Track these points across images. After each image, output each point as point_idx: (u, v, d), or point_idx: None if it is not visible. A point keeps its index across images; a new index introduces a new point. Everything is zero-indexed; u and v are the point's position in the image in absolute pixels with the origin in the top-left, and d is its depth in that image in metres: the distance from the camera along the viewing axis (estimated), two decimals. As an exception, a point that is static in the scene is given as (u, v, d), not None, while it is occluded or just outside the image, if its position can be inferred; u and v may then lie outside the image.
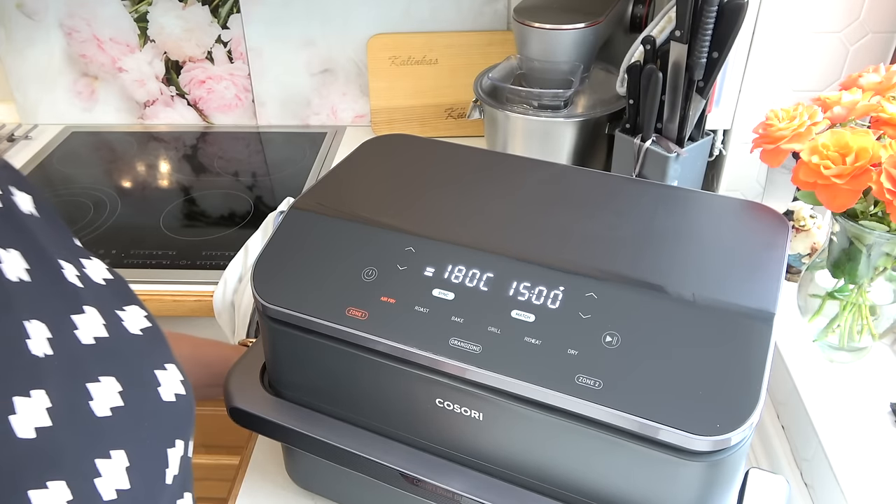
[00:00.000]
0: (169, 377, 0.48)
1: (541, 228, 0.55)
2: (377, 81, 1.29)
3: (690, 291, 0.48)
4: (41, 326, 0.41)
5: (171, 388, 0.47)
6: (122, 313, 0.48)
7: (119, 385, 0.43)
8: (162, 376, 0.47)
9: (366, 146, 0.69)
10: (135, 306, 0.50)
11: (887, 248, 0.61)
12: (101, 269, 0.50)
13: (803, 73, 0.85)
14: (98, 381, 0.42)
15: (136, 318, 0.49)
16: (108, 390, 0.43)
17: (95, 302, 0.47)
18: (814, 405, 0.65)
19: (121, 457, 0.41)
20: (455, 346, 0.49)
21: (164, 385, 0.47)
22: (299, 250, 0.56)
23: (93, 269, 0.50)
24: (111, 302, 0.48)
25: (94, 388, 0.42)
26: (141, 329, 0.49)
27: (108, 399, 0.42)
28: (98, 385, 0.42)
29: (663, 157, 0.83)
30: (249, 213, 1.14)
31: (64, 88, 1.38)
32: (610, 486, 0.49)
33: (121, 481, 0.40)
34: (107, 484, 0.39)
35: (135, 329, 0.48)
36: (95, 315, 0.46)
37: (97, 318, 0.46)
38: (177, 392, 0.47)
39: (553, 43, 0.97)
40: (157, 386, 0.46)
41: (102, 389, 0.42)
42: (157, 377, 0.47)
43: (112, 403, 0.42)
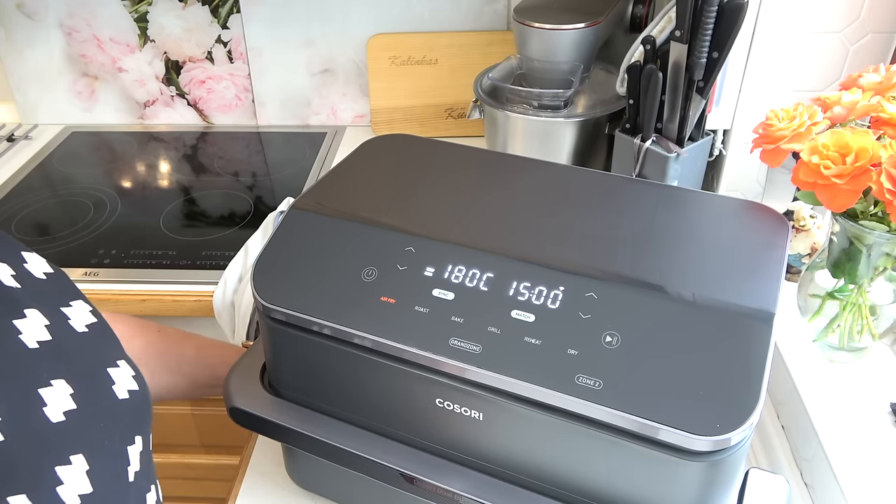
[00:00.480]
0: (121, 374, 0.46)
1: (541, 228, 0.55)
2: (377, 81, 1.29)
3: (690, 291, 0.48)
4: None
5: (125, 385, 0.46)
6: (68, 310, 0.46)
7: (70, 387, 0.42)
8: (114, 374, 0.46)
9: (366, 146, 0.69)
10: (80, 301, 0.48)
11: (887, 248, 0.61)
12: (41, 262, 0.48)
13: (803, 73, 0.85)
14: (50, 385, 0.41)
15: (81, 314, 0.47)
16: (59, 394, 0.41)
17: (37, 302, 0.44)
18: (814, 405, 0.65)
19: (80, 461, 0.40)
20: (455, 346, 0.49)
21: (117, 382, 0.45)
22: (299, 250, 0.56)
23: (33, 263, 0.48)
24: (55, 299, 0.46)
25: (46, 393, 0.40)
26: (87, 325, 0.47)
27: (61, 403, 0.41)
28: (50, 389, 0.41)
29: (663, 157, 0.83)
30: (249, 213, 1.14)
31: (64, 88, 1.38)
32: (610, 486, 0.49)
33: (83, 486, 0.39)
34: (69, 491, 0.38)
35: (81, 326, 0.46)
36: (38, 316, 0.44)
37: (40, 319, 0.44)
38: (130, 388, 0.46)
39: (553, 43, 0.97)
40: (112, 384, 0.45)
41: (54, 393, 0.41)
42: (110, 375, 0.45)
43: (65, 407, 0.41)
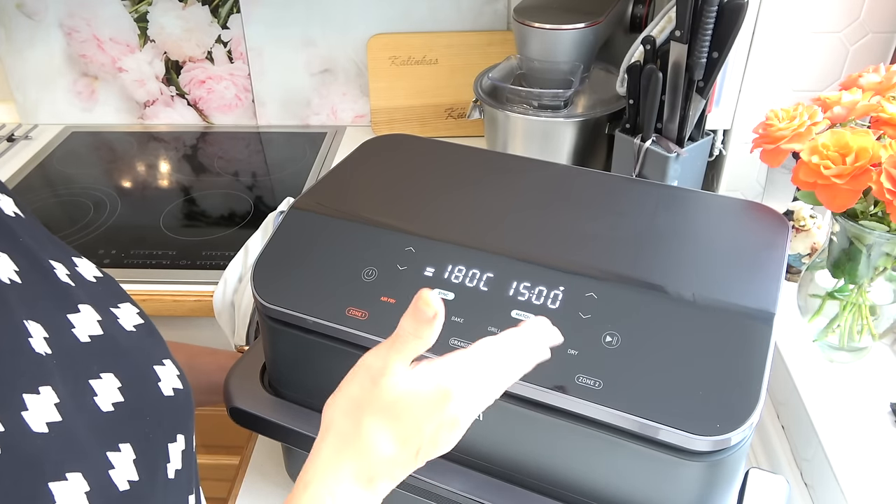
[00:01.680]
0: (167, 372, 0.48)
1: (541, 228, 0.55)
2: (377, 81, 1.29)
3: (690, 291, 0.48)
4: (37, 327, 0.41)
5: (170, 383, 0.47)
6: (117, 311, 0.48)
7: (118, 381, 0.44)
8: (161, 371, 0.47)
9: (366, 146, 0.69)
10: (128, 304, 0.50)
11: (887, 248, 0.61)
12: (91, 267, 0.51)
13: (803, 73, 0.85)
14: (100, 378, 0.43)
15: (129, 315, 0.49)
16: (109, 386, 0.43)
17: (90, 299, 0.47)
18: (814, 405, 0.65)
19: (128, 449, 0.41)
20: (455, 346, 0.49)
21: (163, 380, 0.47)
22: (299, 250, 0.56)
23: (84, 267, 0.50)
24: (105, 300, 0.48)
25: (97, 384, 0.42)
26: (135, 326, 0.49)
27: (110, 395, 0.43)
28: (99, 381, 0.43)
29: (663, 157, 0.83)
30: (249, 213, 1.14)
31: (64, 88, 1.38)
32: (610, 486, 0.49)
33: (131, 473, 0.41)
34: (120, 475, 0.40)
35: (129, 326, 0.48)
36: (91, 312, 0.46)
37: (92, 315, 0.46)
38: (175, 387, 0.48)
39: (553, 43, 0.97)
40: (157, 381, 0.47)
41: (104, 385, 0.43)
42: (157, 372, 0.47)
43: (114, 399, 0.43)
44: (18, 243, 0.45)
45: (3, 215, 0.47)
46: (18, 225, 0.47)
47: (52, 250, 0.48)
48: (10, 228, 0.46)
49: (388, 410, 0.40)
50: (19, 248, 0.45)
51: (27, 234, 0.47)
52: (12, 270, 0.43)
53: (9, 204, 0.48)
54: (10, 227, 0.46)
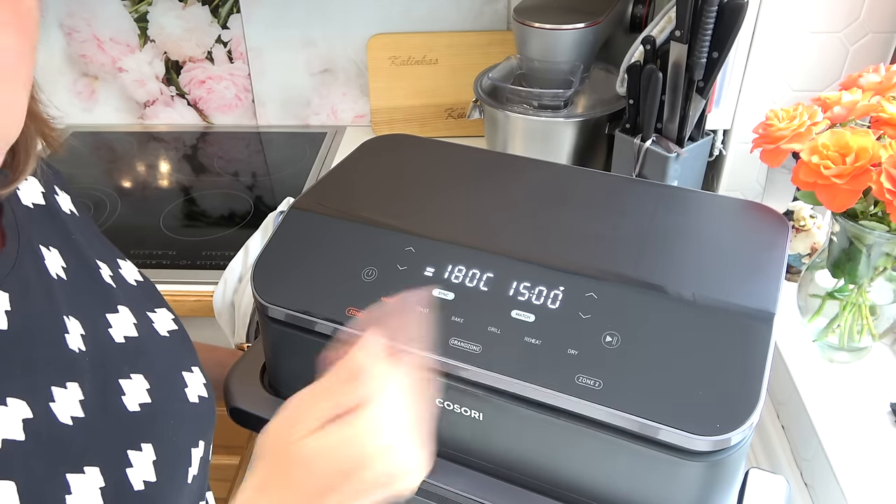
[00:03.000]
0: (194, 379, 0.49)
1: (541, 228, 0.55)
2: (377, 81, 1.29)
3: (690, 291, 0.48)
4: (76, 323, 0.42)
5: (196, 391, 0.48)
6: (153, 315, 0.49)
7: (147, 383, 0.44)
8: (188, 378, 0.48)
9: (366, 146, 0.69)
10: (164, 309, 0.51)
11: (887, 248, 0.61)
12: (133, 271, 0.52)
13: (803, 73, 0.85)
14: (129, 378, 0.44)
15: (164, 320, 0.50)
16: (137, 387, 0.44)
17: (128, 302, 0.48)
18: (814, 405, 0.65)
19: (149, 450, 0.42)
20: (455, 346, 0.49)
21: (189, 387, 0.48)
22: (299, 250, 0.56)
23: (127, 270, 0.51)
24: (143, 303, 0.49)
25: (126, 384, 0.43)
26: (168, 331, 0.50)
27: (138, 395, 0.43)
28: (129, 382, 0.43)
29: (663, 157, 0.83)
30: (249, 213, 1.14)
31: (64, 88, 1.38)
32: (610, 485, 0.49)
33: (149, 474, 0.41)
34: (137, 475, 0.40)
35: (163, 331, 0.49)
36: (128, 315, 0.47)
37: (129, 317, 0.47)
38: (200, 394, 0.48)
39: (553, 43, 0.97)
40: (184, 387, 0.47)
41: (133, 386, 0.43)
42: (184, 378, 0.48)
43: (141, 399, 0.43)
44: (70, 241, 0.46)
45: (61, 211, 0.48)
46: (73, 223, 0.48)
47: (100, 250, 0.50)
48: (65, 225, 0.47)
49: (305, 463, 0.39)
50: (70, 245, 0.46)
51: (79, 232, 0.48)
52: (60, 267, 0.44)
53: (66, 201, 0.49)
54: (64, 224, 0.47)
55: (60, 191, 0.49)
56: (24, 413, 0.36)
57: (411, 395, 0.41)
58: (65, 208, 0.49)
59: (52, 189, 0.49)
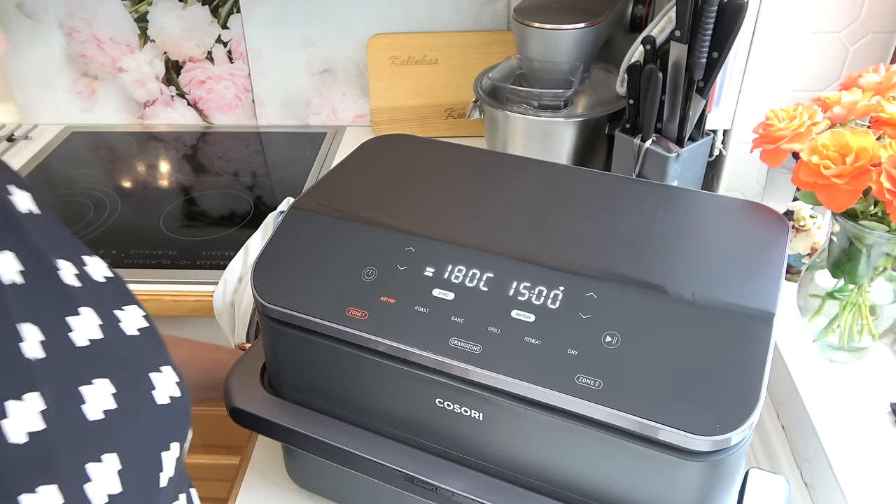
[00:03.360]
0: (164, 380, 0.47)
1: (541, 228, 0.55)
2: (377, 81, 1.29)
3: (690, 291, 0.48)
4: (34, 329, 0.41)
5: (166, 391, 0.47)
6: (121, 313, 0.48)
7: (113, 387, 0.43)
8: (157, 379, 0.47)
9: (366, 146, 0.69)
10: (134, 306, 0.49)
11: (887, 248, 0.61)
12: (101, 267, 0.50)
13: (803, 73, 0.85)
14: (91, 384, 0.42)
15: (134, 318, 0.48)
16: (101, 393, 0.42)
17: (93, 302, 0.46)
18: (814, 405, 0.65)
19: (113, 460, 0.40)
20: (455, 346, 0.49)
21: (158, 388, 0.46)
22: (299, 250, 0.56)
23: (94, 266, 0.49)
24: (110, 301, 0.48)
25: (87, 391, 0.41)
26: (138, 329, 0.48)
27: (101, 402, 0.42)
28: (91, 388, 0.42)
29: (663, 157, 0.83)
30: (249, 213, 1.14)
31: (64, 88, 1.38)
32: (610, 486, 0.49)
33: (112, 486, 0.40)
34: (97, 489, 0.39)
35: (132, 330, 0.48)
36: (92, 316, 0.45)
37: (93, 318, 0.45)
38: (172, 395, 0.47)
39: (553, 43, 0.97)
40: (152, 389, 0.46)
41: (95, 392, 0.42)
42: (152, 380, 0.46)
43: (105, 406, 0.42)
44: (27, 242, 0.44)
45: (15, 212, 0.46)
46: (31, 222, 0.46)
47: (62, 249, 0.47)
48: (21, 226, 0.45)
49: None
50: (27, 246, 0.44)
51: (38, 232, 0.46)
52: (16, 271, 0.42)
53: (24, 200, 0.47)
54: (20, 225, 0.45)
55: (16, 189, 0.47)
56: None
57: None
58: (21, 208, 0.46)
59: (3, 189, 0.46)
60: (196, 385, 0.74)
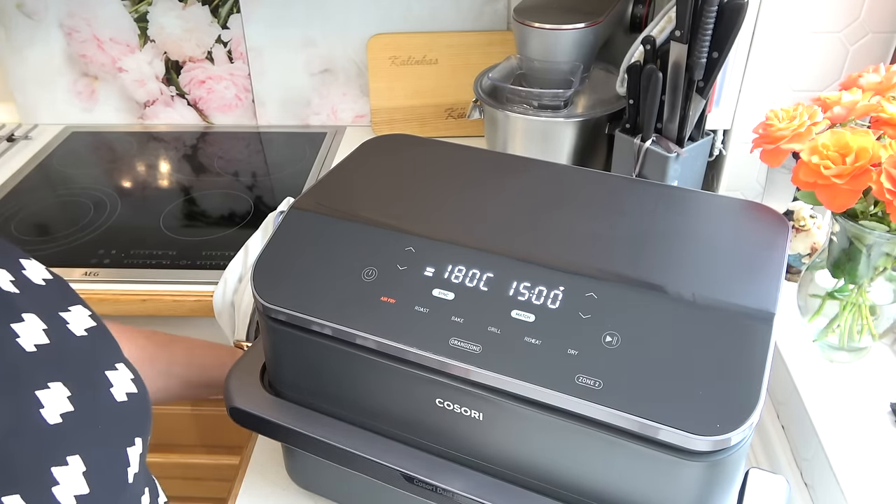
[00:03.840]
0: (120, 377, 0.46)
1: (541, 228, 0.55)
2: (377, 81, 1.29)
3: (690, 291, 0.48)
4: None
5: (123, 388, 0.46)
6: (67, 314, 0.47)
7: (67, 390, 0.42)
8: (113, 377, 0.46)
9: (366, 146, 0.69)
10: (79, 306, 0.48)
11: (887, 248, 0.61)
12: (40, 269, 0.49)
13: (803, 73, 0.85)
14: (47, 388, 0.41)
15: (80, 318, 0.48)
16: (57, 396, 0.42)
17: (35, 307, 0.45)
18: (814, 405, 0.65)
19: (77, 462, 0.40)
20: (455, 346, 0.49)
21: (115, 385, 0.46)
22: (299, 250, 0.56)
23: (32, 270, 0.48)
24: (54, 304, 0.47)
25: (44, 396, 0.41)
26: (86, 329, 0.47)
27: (59, 405, 0.41)
28: (47, 392, 0.41)
29: (663, 157, 0.83)
30: (249, 213, 1.14)
31: (64, 88, 1.38)
32: (610, 486, 0.49)
33: (79, 486, 0.39)
34: (64, 491, 0.39)
35: (79, 331, 0.47)
36: (35, 321, 0.44)
37: (38, 323, 0.44)
38: (129, 391, 0.46)
39: (553, 43, 0.97)
40: (109, 387, 0.45)
41: (52, 396, 0.41)
42: (108, 378, 0.46)
43: (62, 409, 0.41)
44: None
45: None
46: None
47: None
48: None
49: None
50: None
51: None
52: None
53: None
54: None
55: None
56: None
57: None
58: None
59: None
60: (193, 383, 0.74)
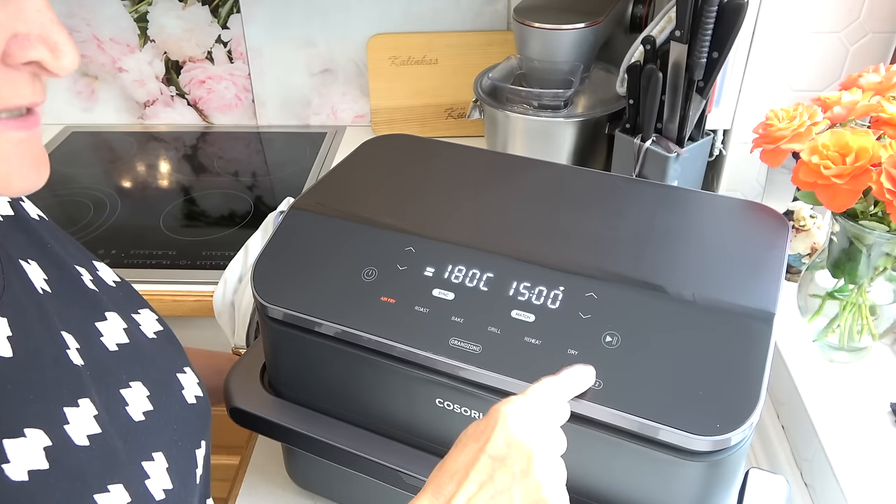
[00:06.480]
0: (189, 380, 0.48)
1: (541, 228, 0.55)
2: (377, 81, 1.29)
3: (690, 291, 0.48)
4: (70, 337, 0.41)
5: (192, 391, 0.47)
6: (138, 317, 0.48)
7: (146, 390, 0.44)
8: (183, 379, 0.47)
9: (366, 146, 0.69)
10: (147, 309, 0.50)
11: (887, 248, 0.61)
12: (110, 272, 0.50)
13: (803, 73, 0.85)
14: (129, 387, 0.43)
15: (149, 321, 0.49)
16: (138, 395, 0.43)
17: (114, 306, 0.46)
18: (814, 405, 0.65)
19: (161, 458, 0.41)
20: (455, 346, 0.49)
21: (186, 388, 0.47)
22: (299, 250, 0.56)
23: (104, 272, 0.49)
24: (126, 306, 0.48)
25: (127, 394, 0.42)
26: (155, 333, 0.48)
27: (140, 404, 0.43)
28: (130, 391, 0.42)
29: (663, 157, 0.83)
30: (249, 213, 1.14)
31: (64, 88, 1.38)
32: (610, 486, 0.49)
33: (165, 482, 0.41)
34: (156, 485, 0.40)
35: (150, 333, 0.48)
36: (117, 320, 0.45)
37: (119, 322, 0.45)
38: (196, 394, 0.48)
39: (553, 43, 0.97)
40: (181, 389, 0.47)
41: (134, 394, 0.42)
42: (180, 380, 0.47)
43: (144, 408, 0.43)
44: (46, 249, 0.44)
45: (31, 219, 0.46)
46: (45, 229, 0.46)
47: (75, 255, 0.47)
48: (38, 234, 0.45)
49: None
50: (48, 254, 0.44)
51: (53, 239, 0.46)
52: (43, 279, 0.42)
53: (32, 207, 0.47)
54: (38, 233, 0.45)
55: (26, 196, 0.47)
56: (43, 441, 0.35)
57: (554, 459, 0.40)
58: (33, 214, 0.46)
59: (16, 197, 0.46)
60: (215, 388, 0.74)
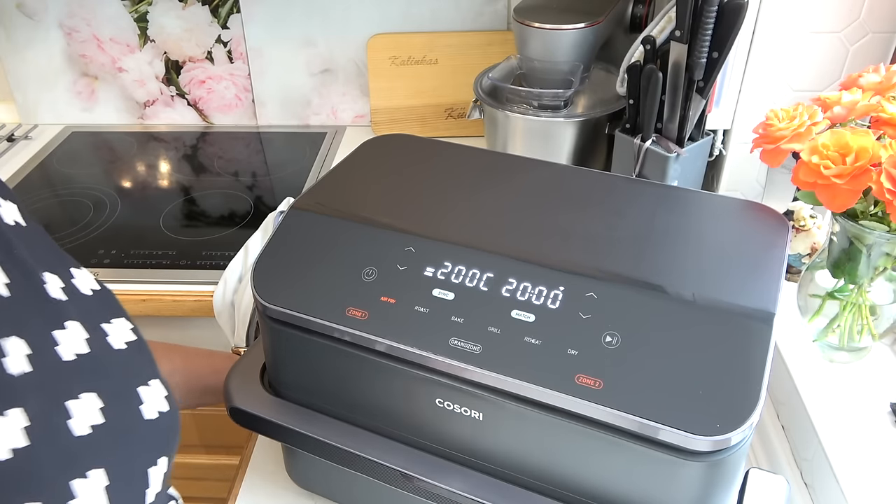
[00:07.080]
0: (152, 394, 0.46)
1: (541, 228, 0.55)
2: (377, 81, 1.29)
3: (690, 291, 0.48)
4: (20, 343, 0.40)
5: (155, 406, 0.46)
6: (108, 326, 0.47)
7: (100, 401, 0.42)
8: (145, 393, 0.46)
9: (366, 146, 0.69)
10: (122, 319, 0.49)
11: (887, 248, 0.61)
12: (89, 279, 0.49)
13: (803, 73, 0.85)
14: (77, 399, 0.41)
15: (121, 331, 0.48)
16: (87, 407, 0.42)
17: (79, 315, 0.45)
18: (814, 405, 0.65)
19: (99, 476, 0.40)
20: (455, 346, 0.49)
21: (146, 402, 0.46)
22: (299, 250, 0.56)
23: (82, 279, 0.48)
24: (98, 315, 0.47)
25: (74, 406, 0.41)
26: (126, 343, 0.47)
27: (88, 416, 0.41)
28: (77, 402, 0.41)
29: (663, 157, 0.83)
30: (249, 213, 1.14)
31: (64, 88, 1.38)
32: (610, 486, 0.49)
33: (98, 501, 0.39)
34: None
35: (119, 343, 0.47)
36: (78, 329, 0.44)
37: (80, 332, 0.44)
38: (160, 409, 0.46)
39: (553, 43, 0.97)
40: (140, 403, 0.45)
41: (82, 406, 0.41)
42: (140, 394, 0.46)
43: (92, 421, 0.41)
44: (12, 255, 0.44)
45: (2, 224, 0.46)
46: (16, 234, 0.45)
47: (49, 261, 0.46)
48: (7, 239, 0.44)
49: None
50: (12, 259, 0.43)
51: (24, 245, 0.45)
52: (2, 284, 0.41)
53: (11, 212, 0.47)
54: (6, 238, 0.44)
55: (2, 201, 0.46)
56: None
57: None
58: (7, 220, 0.46)
59: None
60: (191, 391, 0.74)
